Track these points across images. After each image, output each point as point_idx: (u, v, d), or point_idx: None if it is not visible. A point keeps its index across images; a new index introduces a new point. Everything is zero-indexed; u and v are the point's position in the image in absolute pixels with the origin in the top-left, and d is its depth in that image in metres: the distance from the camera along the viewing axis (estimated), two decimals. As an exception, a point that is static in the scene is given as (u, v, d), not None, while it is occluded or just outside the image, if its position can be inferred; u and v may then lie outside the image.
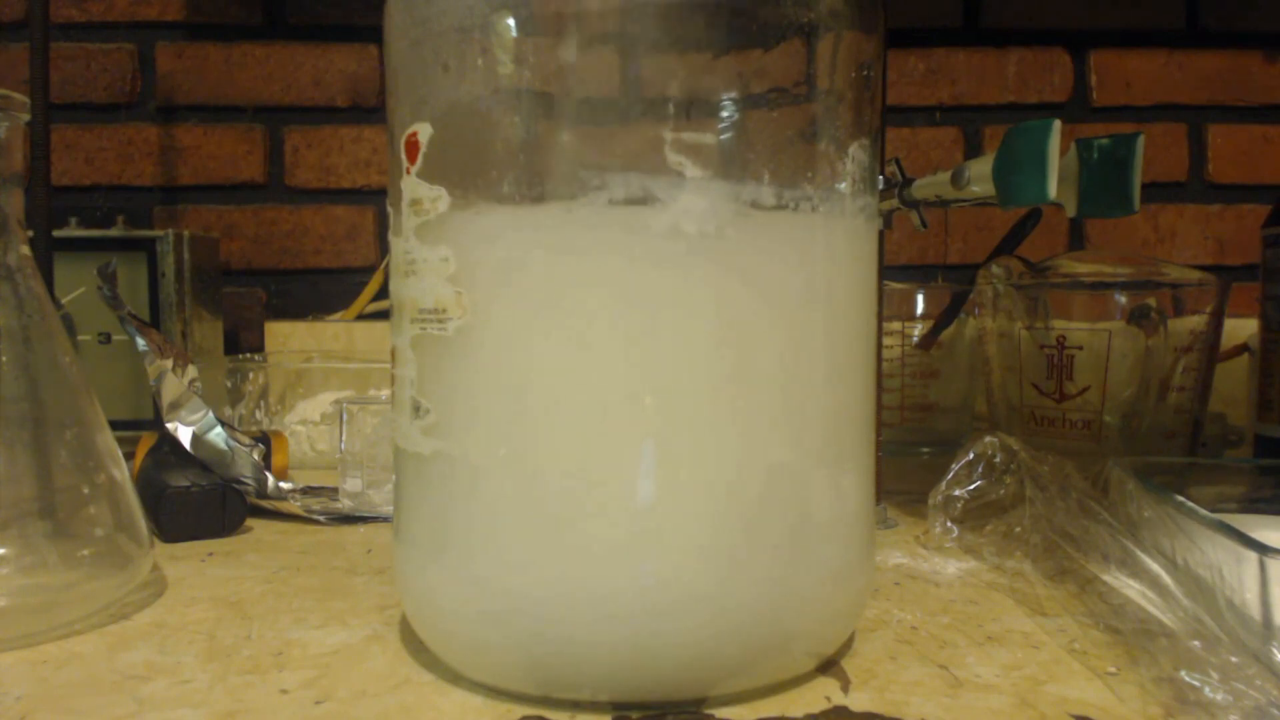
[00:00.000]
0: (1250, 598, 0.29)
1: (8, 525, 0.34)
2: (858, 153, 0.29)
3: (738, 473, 0.26)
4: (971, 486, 0.43)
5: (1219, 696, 0.25)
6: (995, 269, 0.59)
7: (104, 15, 0.85)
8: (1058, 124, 0.38)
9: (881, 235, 0.46)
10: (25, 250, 0.36)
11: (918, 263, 0.89)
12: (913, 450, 0.68)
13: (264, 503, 0.49)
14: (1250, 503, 0.44)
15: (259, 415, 0.67)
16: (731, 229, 0.26)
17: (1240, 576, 0.29)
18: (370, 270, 0.86)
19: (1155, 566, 0.34)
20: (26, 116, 0.36)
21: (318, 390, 0.67)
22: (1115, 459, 0.42)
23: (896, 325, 0.68)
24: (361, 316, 0.84)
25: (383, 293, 0.84)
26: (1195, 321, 0.55)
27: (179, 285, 0.68)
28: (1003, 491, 0.43)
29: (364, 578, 0.39)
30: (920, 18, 0.87)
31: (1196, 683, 0.26)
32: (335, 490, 0.52)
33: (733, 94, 0.26)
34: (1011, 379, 0.58)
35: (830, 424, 0.28)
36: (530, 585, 0.26)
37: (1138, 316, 0.54)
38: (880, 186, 0.47)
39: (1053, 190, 0.38)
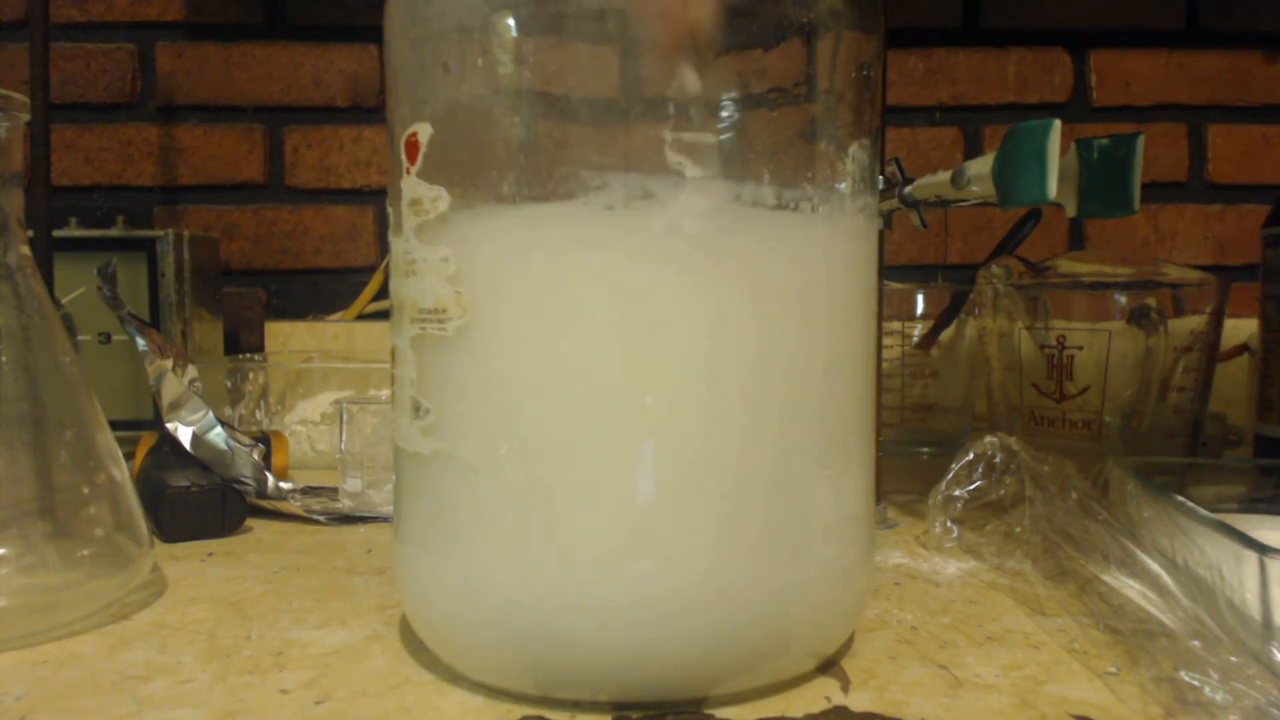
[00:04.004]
0: (1250, 598, 0.29)
1: (8, 525, 0.34)
2: (858, 153, 0.29)
3: (737, 473, 0.26)
4: (971, 486, 0.43)
5: (1219, 696, 0.25)
6: (995, 269, 0.59)
7: (104, 15, 0.85)
8: (1058, 124, 0.38)
9: (881, 235, 0.46)
10: (25, 250, 0.36)
11: (918, 263, 0.89)
12: (913, 450, 0.68)
13: (264, 503, 0.49)
14: (1250, 503, 0.44)
15: (259, 415, 0.67)
16: (731, 229, 0.26)
17: (1240, 576, 0.29)
18: (370, 270, 0.86)
19: (1155, 566, 0.34)
20: (26, 116, 0.36)
21: (318, 390, 0.67)
22: (1115, 459, 0.42)
23: (896, 325, 0.68)
24: (361, 316, 0.84)
25: (383, 293, 0.84)
26: (1195, 321, 0.55)
27: (179, 285, 0.68)
28: (1003, 491, 0.43)
29: (364, 578, 0.39)
30: (920, 18, 0.87)
31: (1196, 683, 0.26)
32: (335, 490, 0.52)
33: (733, 94, 0.26)
34: (1011, 379, 0.58)
35: (830, 424, 0.28)
36: (530, 585, 0.26)
37: (1138, 316, 0.54)
38: (880, 186, 0.47)
39: (1053, 190, 0.38)
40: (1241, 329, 0.72)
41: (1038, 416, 0.57)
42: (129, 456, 0.45)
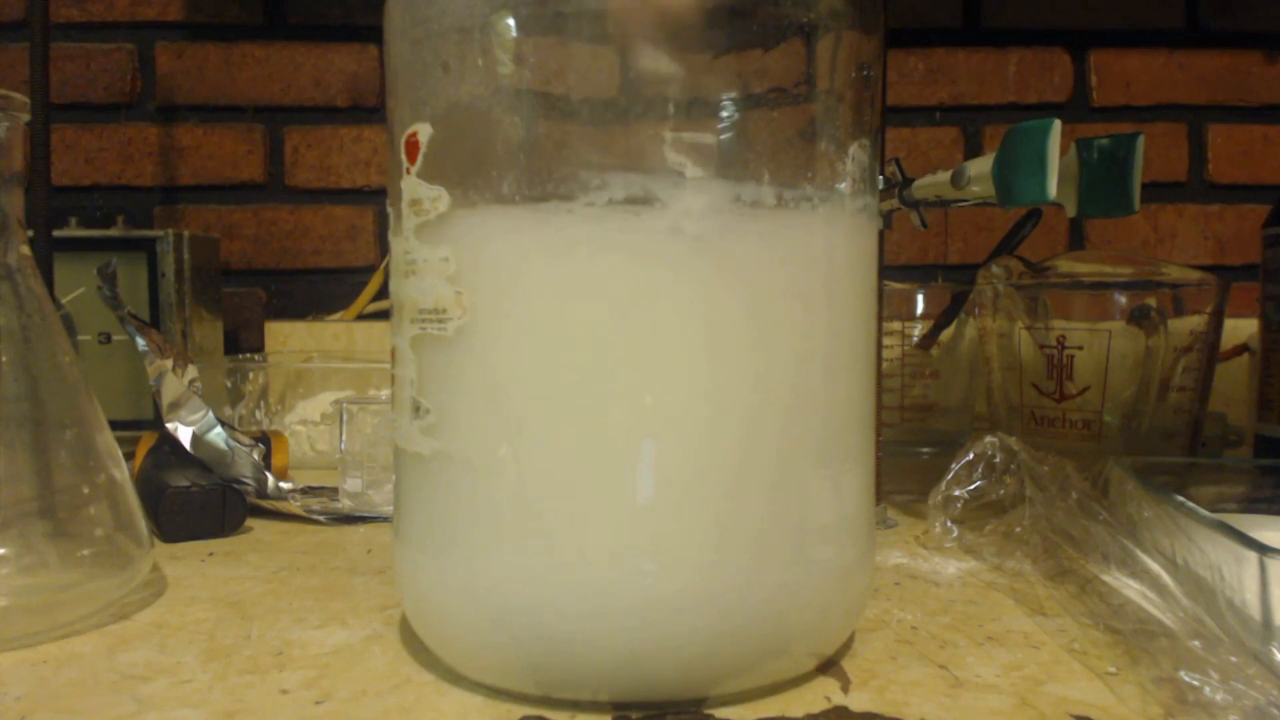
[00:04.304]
0: (1250, 598, 0.29)
1: (8, 525, 0.34)
2: (858, 153, 0.29)
3: (737, 473, 0.26)
4: (971, 486, 0.43)
5: (1219, 696, 0.25)
6: (995, 269, 0.59)
7: (104, 15, 0.85)
8: (1058, 124, 0.38)
9: (881, 235, 0.46)
10: (25, 250, 0.36)
11: (918, 263, 0.89)
12: (913, 450, 0.68)
13: (264, 503, 0.49)
14: (1250, 503, 0.44)
15: (259, 415, 0.67)
16: (732, 229, 0.26)
17: (1240, 576, 0.29)
18: (370, 270, 0.86)
19: (1155, 566, 0.34)
20: (26, 116, 0.36)
21: (318, 390, 0.67)
22: (1115, 459, 0.42)
23: (896, 325, 0.68)
24: (361, 316, 0.84)
25: (383, 293, 0.84)
26: (1195, 321, 0.55)
27: (179, 285, 0.68)
28: (1003, 491, 0.43)
29: (364, 578, 0.39)
30: (920, 18, 0.87)
31: (1196, 683, 0.26)
32: (335, 490, 0.52)
33: (733, 94, 0.26)
34: (1011, 379, 0.58)
35: (830, 424, 0.28)
36: (530, 585, 0.26)
37: (1138, 316, 0.54)
38: (880, 186, 0.47)
39: (1053, 190, 0.39)
40: (1241, 329, 0.72)
41: (1038, 416, 0.57)
42: (129, 456, 0.45)
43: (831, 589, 0.28)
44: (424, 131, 0.27)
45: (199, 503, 0.45)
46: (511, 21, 0.26)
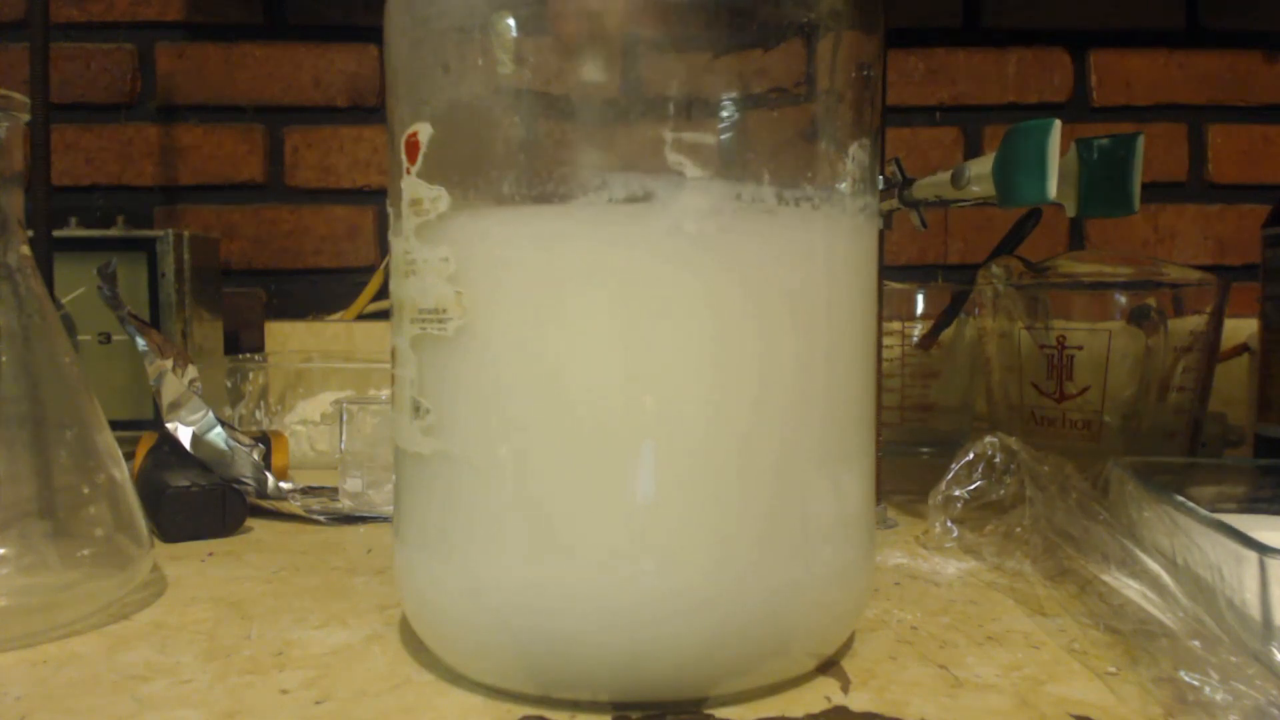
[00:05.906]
0: (1250, 598, 0.29)
1: (8, 525, 0.34)
2: (858, 153, 0.29)
3: (737, 473, 0.26)
4: (971, 486, 0.43)
5: (1219, 696, 0.25)
6: (995, 269, 0.59)
7: (104, 15, 0.85)
8: (1058, 124, 0.38)
9: (881, 235, 0.46)
10: (25, 250, 0.36)
11: (918, 263, 0.89)
12: (913, 450, 0.68)
13: (264, 503, 0.49)
14: (1250, 503, 0.44)
15: (259, 415, 0.67)
16: (732, 229, 0.26)
17: (1240, 576, 0.29)
18: (370, 270, 0.86)
19: (1155, 566, 0.34)
20: (26, 116, 0.36)
21: (318, 390, 0.67)
22: (1115, 459, 0.42)
23: (896, 325, 0.68)
24: (361, 316, 0.84)
25: (383, 293, 0.84)
26: (1195, 321, 0.55)
27: (179, 285, 0.68)
28: (1003, 491, 0.43)
29: (364, 578, 0.39)
30: (920, 18, 0.87)
31: (1196, 683, 0.26)
32: (335, 490, 0.52)
33: (733, 94, 0.26)
34: (1011, 379, 0.58)
35: (830, 424, 0.28)
36: (530, 585, 0.26)
37: (1138, 316, 0.54)
38: (880, 186, 0.47)
39: (1053, 190, 0.38)
40: (1241, 329, 0.72)
41: (1038, 416, 0.57)
42: (129, 456, 0.45)
43: (832, 589, 0.28)
44: (424, 131, 0.27)
45: (199, 503, 0.45)
46: (511, 21, 0.26)
